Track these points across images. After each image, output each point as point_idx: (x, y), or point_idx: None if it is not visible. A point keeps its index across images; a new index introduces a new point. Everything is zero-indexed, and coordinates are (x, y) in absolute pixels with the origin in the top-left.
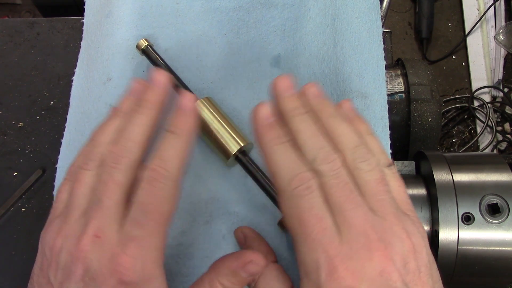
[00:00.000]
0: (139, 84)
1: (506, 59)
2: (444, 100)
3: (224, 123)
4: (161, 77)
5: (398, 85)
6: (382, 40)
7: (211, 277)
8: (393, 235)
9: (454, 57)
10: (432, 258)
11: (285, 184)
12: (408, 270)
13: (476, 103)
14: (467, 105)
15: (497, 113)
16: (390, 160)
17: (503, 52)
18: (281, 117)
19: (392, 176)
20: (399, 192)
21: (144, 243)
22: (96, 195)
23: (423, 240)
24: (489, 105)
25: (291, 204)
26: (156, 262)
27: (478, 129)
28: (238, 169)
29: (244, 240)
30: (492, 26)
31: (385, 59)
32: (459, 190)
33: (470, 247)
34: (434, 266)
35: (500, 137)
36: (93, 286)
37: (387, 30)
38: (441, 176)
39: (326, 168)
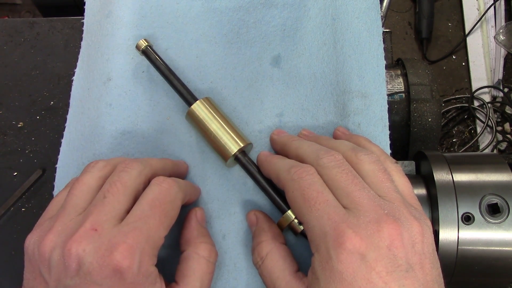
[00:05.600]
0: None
1: (506, 59)
2: (444, 100)
3: (224, 123)
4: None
5: (398, 85)
6: (382, 40)
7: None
8: (402, 215)
9: (454, 57)
10: (436, 253)
11: (285, 174)
12: (415, 251)
13: (476, 103)
14: (467, 105)
15: (497, 113)
16: (394, 160)
17: (503, 52)
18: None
19: (397, 172)
20: (406, 187)
21: (145, 235)
22: (102, 193)
23: (430, 231)
24: (489, 105)
25: (293, 187)
26: (152, 260)
27: (478, 129)
28: (238, 169)
29: (256, 221)
30: (492, 26)
31: (385, 59)
32: (459, 190)
33: (470, 247)
34: (438, 260)
35: (500, 137)
36: (90, 280)
37: (387, 30)
38: (441, 176)
39: (327, 160)
